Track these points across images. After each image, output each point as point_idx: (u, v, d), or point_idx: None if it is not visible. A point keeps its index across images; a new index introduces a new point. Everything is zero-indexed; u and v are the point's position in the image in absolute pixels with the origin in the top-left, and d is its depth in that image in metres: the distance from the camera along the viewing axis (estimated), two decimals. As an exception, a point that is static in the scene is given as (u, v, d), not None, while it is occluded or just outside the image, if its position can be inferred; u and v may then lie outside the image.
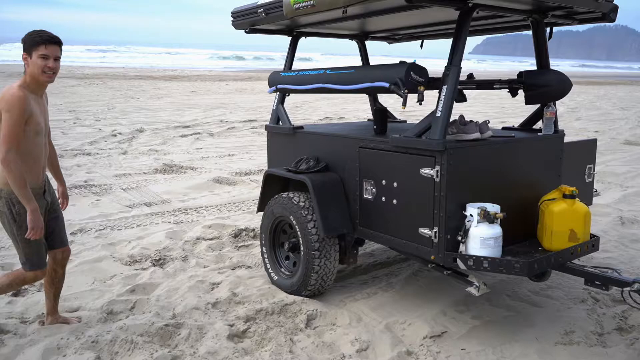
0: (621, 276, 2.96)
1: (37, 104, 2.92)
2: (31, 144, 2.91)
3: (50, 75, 2.91)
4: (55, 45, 2.90)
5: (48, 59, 2.87)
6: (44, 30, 2.94)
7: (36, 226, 2.88)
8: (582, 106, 20.37)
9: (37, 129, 2.90)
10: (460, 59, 3.02)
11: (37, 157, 2.97)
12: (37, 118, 2.89)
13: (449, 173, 2.95)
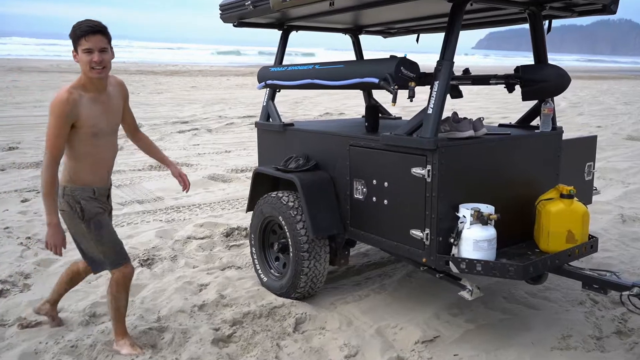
0: (620, 279, 2.84)
1: (94, 105, 2.68)
2: (88, 146, 2.71)
3: (100, 71, 2.61)
4: (97, 35, 2.59)
5: (92, 53, 2.58)
6: (86, 19, 2.63)
7: (55, 242, 2.70)
8: (584, 101, 20.19)
9: (93, 130, 2.67)
10: (452, 53, 2.89)
11: (99, 159, 2.78)
12: (92, 119, 2.66)
13: (440, 172, 2.84)
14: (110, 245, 2.84)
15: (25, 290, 3.73)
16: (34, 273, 4.00)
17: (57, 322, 3.24)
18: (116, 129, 2.85)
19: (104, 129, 2.73)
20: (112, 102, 2.79)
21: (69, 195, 2.75)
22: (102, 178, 2.85)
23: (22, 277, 3.92)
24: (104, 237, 2.82)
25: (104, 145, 2.78)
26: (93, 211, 2.79)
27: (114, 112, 2.81)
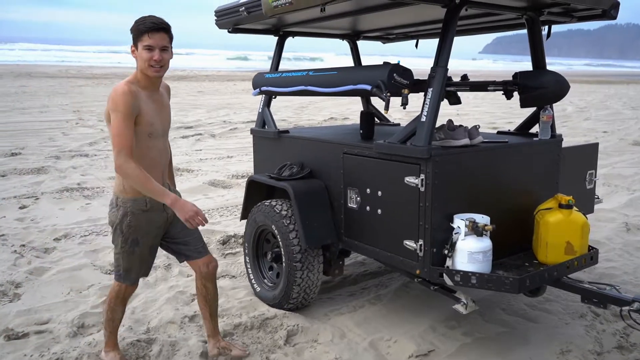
0: (620, 294, 2.74)
1: (150, 102, 2.55)
2: (144, 147, 2.54)
3: (158, 69, 2.50)
4: (160, 33, 2.48)
5: (153, 50, 2.47)
6: (150, 15, 2.51)
7: (191, 210, 2.43)
8: (591, 106, 20.00)
9: (149, 130, 2.53)
10: (447, 59, 2.82)
11: (153, 162, 2.60)
12: (149, 118, 2.52)
13: (434, 182, 2.76)
14: (133, 263, 2.71)
15: (15, 300, 3.68)
16: (26, 282, 3.95)
17: (236, 348, 3.00)
18: (167, 132, 2.73)
19: (157, 129, 2.59)
20: (164, 103, 2.69)
21: (120, 207, 2.61)
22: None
23: (12, 286, 3.87)
24: (134, 253, 2.68)
25: (157, 147, 2.62)
26: (135, 230, 2.63)
27: (166, 114, 2.70)
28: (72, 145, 9.86)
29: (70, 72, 32.86)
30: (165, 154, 2.72)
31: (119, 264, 2.73)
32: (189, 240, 2.82)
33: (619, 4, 3.25)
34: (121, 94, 2.43)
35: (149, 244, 2.73)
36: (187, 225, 2.46)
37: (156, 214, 2.67)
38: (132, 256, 2.70)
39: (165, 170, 2.75)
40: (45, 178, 7.26)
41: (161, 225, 2.73)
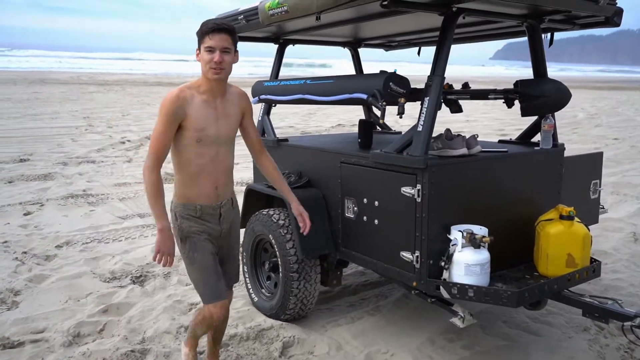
0: (622, 309, 2.66)
1: (205, 107, 2.45)
2: (191, 153, 2.45)
3: (218, 71, 2.39)
4: (222, 34, 2.36)
5: (214, 52, 2.37)
6: (214, 17, 2.42)
7: (161, 250, 2.38)
8: (602, 112, 19.80)
9: (199, 135, 2.42)
10: (444, 68, 2.77)
11: (203, 169, 2.48)
12: (200, 123, 2.42)
13: (431, 192, 2.71)
14: (200, 274, 2.54)
15: (13, 308, 3.67)
16: (25, 290, 3.95)
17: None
18: (229, 140, 2.56)
19: (211, 136, 2.46)
20: (227, 110, 2.53)
21: (172, 212, 2.56)
22: (209, 194, 2.53)
23: (11, 293, 3.87)
24: (196, 261, 2.53)
25: (210, 154, 2.48)
26: (187, 230, 2.53)
27: (228, 121, 2.53)
28: (80, 151, 9.91)
29: (82, 78, 33.20)
30: (222, 163, 2.55)
31: (193, 279, 2.57)
32: (227, 270, 2.71)
33: (622, 10, 3.19)
34: (167, 99, 2.39)
35: (210, 250, 2.56)
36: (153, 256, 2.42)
37: (209, 223, 2.57)
38: (197, 266, 2.54)
39: (222, 179, 2.57)
40: (51, 184, 7.30)
41: (216, 237, 2.61)
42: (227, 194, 2.63)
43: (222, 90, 2.52)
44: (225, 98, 2.54)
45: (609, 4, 3.04)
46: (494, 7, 2.83)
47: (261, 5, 3.23)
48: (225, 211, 2.62)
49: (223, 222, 2.61)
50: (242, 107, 2.64)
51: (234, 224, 2.73)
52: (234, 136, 2.60)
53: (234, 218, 2.72)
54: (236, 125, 2.62)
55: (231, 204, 2.67)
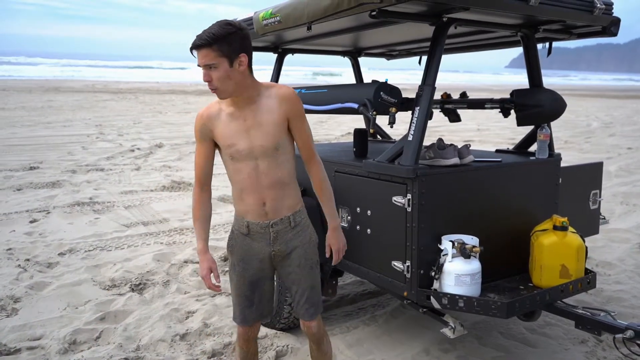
0: (614, 321, 2.63)
1: (230, 121, 2.22)
2: (231, 170, 2.28)
3: (214, 90, 2.14)
4: (201, 50, 2.08)
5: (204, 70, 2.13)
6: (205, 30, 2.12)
7: (200, 273, 2.30)
8: (617, 121, 19.60)
9: (230, 152, 2.22)
10: (434, 77, 2.77)
11: (243, 186, 2.27)
12: (227, 138, 2.21)
13: (421, 202, 2.70)
14: (233, 292, 2.43)
15: (12, 315, 3.71)
16: (25, 297, 3.99)
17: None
18: (268, 152, 2.22)
19: (242, 151, 2.21)
20: (259, 118, 2.21)
21: (233, 223, 2.44)
22: (255, 211, 2.29)
23: (12, 300, 3.91)
24: (233, 281, 2.42)
25: (247, 170, 2.24)
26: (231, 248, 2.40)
27: (262, 130, 2.20)
28: (89, 159, 10.02)
29: (97, 86, 33.63)
30: (266, 178, 2.25)
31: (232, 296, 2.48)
32: (295, 298, 2.42)
33: (619, 20, 3.17)
34: (196, 118, 2.28)
35: (246, 276, 2.37)
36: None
37: (257, 243, 2.33)
38: (232, 285, 2.42)
39: (269, 194, 2.27)
40: (58, 192, 7.38)
41: (263, 259, 2.36)
42: (280, 211, 2.31)
43: (248, 99, 2.21)
44: (257, 106, 2.22)
45: (605, 13, 3.03)
46: (486, 17, 2.82)
47: (255, 16, 3.27)
48: (277, 231, 2.31)
49: (275, 243, 2.33)
50: (284, 111, 2.23)
51: (296, 249, 2.36)
52: (275, 147, 2.23)
53: (293, 242, 2.35)
54: (276, 134, 2.23)
55: (289, 224, 2.33)
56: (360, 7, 2.49)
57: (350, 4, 2.50)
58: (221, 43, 2.08)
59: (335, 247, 2.46)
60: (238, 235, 2.37)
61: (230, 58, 2.10)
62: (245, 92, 2.19)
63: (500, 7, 2.60)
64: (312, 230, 2.44)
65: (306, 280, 2.39)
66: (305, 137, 2.34)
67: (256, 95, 2.22)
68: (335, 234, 2.46)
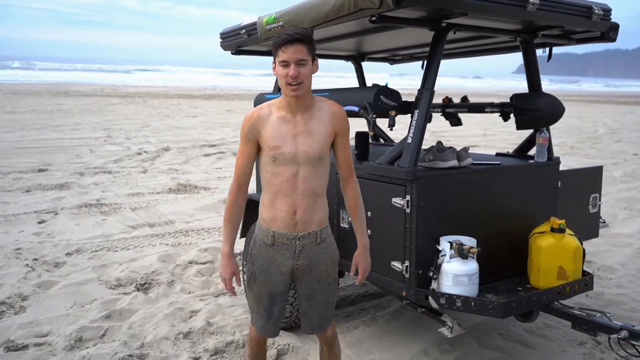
0: (610, 321, 2.66)
1: (281, 124, 2.24)
2: (269, 173, 2.27)
3: (295, 88, 2.15)
4: (295, 45, 2.12)
5: (288, 66, 2.15)
6: (293, 27, 2.21)
7: (222, 274, 2.33)
8: (625, 127, 19.54)
9: (274, 154, 2.23)
10: (433, 82, 2.83)
11: (279, 190, 2.26)
12: (273, 140, 2.23)
13: (419, 203, 2.75)
14: (252, 301, 2.46)
15: (20, 313, 3.79)
16: (32, 295, 4.07)
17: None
18: (310, 160, 2.25)
19: (286, 155, 2.23)
20: (310, 126, 2.25)
21: (254, 231, 2.44)
22: (284, 219, 2.28)
23: (19, 298, 3.99)
24: (253, 290, 2.42)
25: (287, 174, 2.24)
26: (254, 258, 2.39)
27: (310, 138, 2.24)
28: (97, 162, 10.13)
29: (106, 90, 33.87)
30: (303, 185, 2.26)
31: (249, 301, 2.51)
32: (308, 312, 2.44)
33: (618, 26, 3.22)
34: (244, 119, 2.30)
35: (267, 287, 2.37)
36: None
37: (281, 256, 2.32)
38: (252, 293, 2.43)
39: (302, 203, 2.27)
40: (66, 194, 7.48)
41: (285, 273, 2.35)
42: (309, 224, 2.31)
43: (304, 105, 2.25)
44: (309, 114, 2.27)
45: (603, 19, 3.07)
46: (484, 22, 2.88)
47: (259, 21, 3.34)
48: (303, 245, 2.31)
49: (299, 257, 2.32)
50: (334, 125, 2.29)
51: (319, 265, 2.36)
52: (319, 156, 2.26)
53: (317, 258, 2.35)
54: (322, 144, 2.27)
55: (315, 239, 2.33)
56: (361, 12, 2.55)
57: (350, 9, 2.57)
58: (311, 43, 2.20)
59: (362, 267, 2.47)
60: (261, 245, 2.36)
61: (313, 59, 2.22)
62: (308, 95, 2.26)
63: (497, 13, 2.66)
64: (335, 247, 2.45)
65: (323, 296, 2.42)
66: (347, 154, 2.40)
67: (311, 104, 2.28)
68: (364, 253, 2.47)
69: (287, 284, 2.40)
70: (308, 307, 2.43)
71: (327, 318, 2.47)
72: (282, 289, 2.39)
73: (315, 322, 2.45)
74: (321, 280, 2.39)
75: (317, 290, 2.40)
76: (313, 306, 2.42)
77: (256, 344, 2.52)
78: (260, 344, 2.54)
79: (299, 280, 2.39)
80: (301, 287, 2.41)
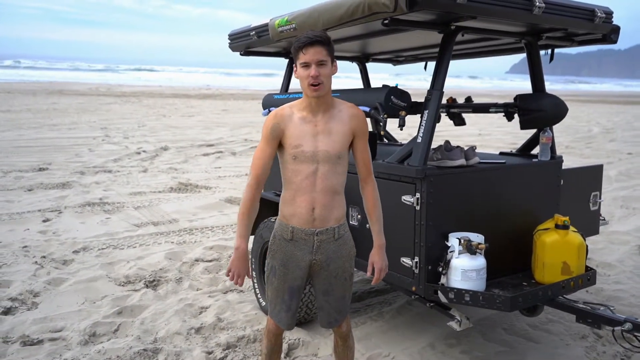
0: (613, 314, 2.76)
1: (303, 124, 2.33)
2: (290, 170, 2.36)
3: (316, 88, 2.24)
4: (315, 47, 2.22)
5: (309, 67, 2.24)
6: (311, 30, 2.30)
7: (232, 269, 2.33)
8: (618, 127, 19.74)
9: (295, 152, 2.32)
10: (442, 83, 2.92)
11: (299, 187, 2.34)
12: (295, 139, 2.32)
13: (429, 201, 2.84)
14: (271, 294, 2.53)
15: (32, 309, 3.85)
16: (44, 292, 4.13)
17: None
18: (330, 158, 2.34)
19: (307, 152, 2.32)
20: (330, 126, 2.35)
21: (274, 227, 2.52)
22: (303, 215, 2.37)
23: (31, 295, 4.05)
24: (272, 285, 2.50)
25: (307, 172, 2.33)
26: (274, 253, 2.47)
27: (330, 138, 2.34)
28: (96, 161, 10.17)
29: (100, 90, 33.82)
30: (322, 182, 2.34)
31: (267, 294, 2.57)
32: (324, 307, 2.53)
33: (619, 28, 3.31)
34: (267, 118, 2.38)
35: (286, 281, 2.46)
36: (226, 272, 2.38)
37: (300, 251, 2.41)
38: (271, 287, 2.51)
39: (320, 199, 2.36)
40: (69, 193, 7.53)
41: (303, 267, 2.44)
42: (327, 221, 2.39)
43: (325, 106, 2.35)
44: (329, 114, 2.37)
45: (605, 22, 3.17)
46: (492, 25, 2.97)
47: (271, 23, 3.41)
48: (321, 240, 2.39)
49: (317, 252, 2.40)
50: (352, 127, 2.39)
51: (336, 261, 2.45)
52: (338, 155, 2.36)
53: (335, 253, 2.44)
54: (341, 144, 2.37)
55: (333, 236, 2.41)
56: (374, 16, 2.63)
57: (364, 13, 2.65)
58: (330, 45, 2.30)
59: (379, 265, 2.50)
60: (280, 240, 2.44)
61: (332, 60, 2.32)
62: (328, 96, 2.35)
63: (505, 16, 2.75)
64: (352, 244, 2.53)
65: (339, 290, 2.50)
66: (366, 155, 2.47)
67: (331, 105, 2.38)
68: (380, 252, 2.51)
69: (305, 279, 2.48)
70: (325, 301, 2.51)
71: (343, 312, 2.56)
72: (300, 283, 2.48)
73: (332, 316, 2.53)
74: (338, 275, 2.47)
75: (334, 285, 2.48)
76: (329, 301, 2.50)
77: (273, 337, 2.60)
78: (277, 337, 2.61)
79: (316, 275, 2.47)
80: (318, 282, 2.49)
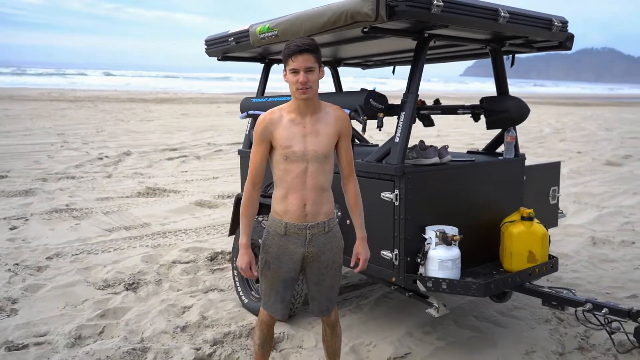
0: (575, 296, 3.02)
1: (292, 126, 2.49)
2: (281, 170, 2.52)
3: (304, 91, 2.41)
4: (304, 55, 2.38)
5: (298, 73, 2.40)
6: (297, 38, 2.46)
7: (240, 264, 2.58)
8: (567, 127, 20.65)
9: (285, 152, 2.48)
10: (417, 86, 3.12)
11: (291, 186, 2.50)
12: (285, 140, 2.47)
13: (407, 197, 3.04)
14: (265, 287, 2.68)
15: (12, 315, 3.85)
16: (22, 298, 4.12)
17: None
18: (318, 158, 2.50)
19: (296, 153, 2.48)
20: (318, 127, 2.51)
21: (267, 224, 2.66)
22: (295, 212, 2.52)
23: (9, 302, 4.04)
24: (266, 278, 2.65)
25: (297, 171, 2.49)
26: (267, 247, 2.62)
27: (317, 139, 2.50)
28: (58, 167, 9.99)
29: (53, 94, 32.90)
30: (311, 180, 2.51)
31: (261, 287, 2.73)
32: (316, 297, 2.69)
33: (573, 36, 3.61)
34: (257, 121, 2.53)
35: (280, 274, 2.62)
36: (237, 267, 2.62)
37: (293, 245, 2.57)
38: (265, 280, 2.67)
39: (311, 196, 2.52)
40: (33, 200, 7.41)
41: (296, 260, 2.59)
42: (318, 215, 2.56)
43: (312, 108, 2.52)
44: (317, 116, 2.53)
45: (561, 30, 3.45)
46: (461, 33, 3.20)
47: (252, 29, 3.55)
48: (313, 234, 2.56)
49: (309, 245, 2.57)
50: (338, 128, 2.57)
51: (326, 253, 2.61)
52: (325, 154, 2.53)
53: (325, 246, 2.61)
54: (328, 144, 2.54)
55: (323, 229, 2.58)
56: (356, 24, 2.81)
57: (347, 21, 2.83)
58: (318, 52, 2.47)
59: (363, 256, 2.70)
60: (274, 236, 2.60)
61: (320, 66, 2.49)
62: (315, 99, 2.52)
63: (473, 25, 2.98)
64: (340, 236, 2.71)
65: (330, 280, 2.67)
66: (349, 154, 2.66)
67: (318, 107, 2.55)
68: (363, 244, 2.71)
69: (298, 271, 2.64)
70: (316, 291, 2.68)
71: (332, 301, 2.73)
72: (293, 275, 2.64)
73: (324, 305, 2.70)
74: (328, 266, 2.64)
75: (325, 275, 2.65)
76: (321, 291, 2.67)
77: (266, 327, 2.76)
78: (270, 328, 2.77)
79: (309, 266, 2.63)
80: (310, 273, 2.65)
